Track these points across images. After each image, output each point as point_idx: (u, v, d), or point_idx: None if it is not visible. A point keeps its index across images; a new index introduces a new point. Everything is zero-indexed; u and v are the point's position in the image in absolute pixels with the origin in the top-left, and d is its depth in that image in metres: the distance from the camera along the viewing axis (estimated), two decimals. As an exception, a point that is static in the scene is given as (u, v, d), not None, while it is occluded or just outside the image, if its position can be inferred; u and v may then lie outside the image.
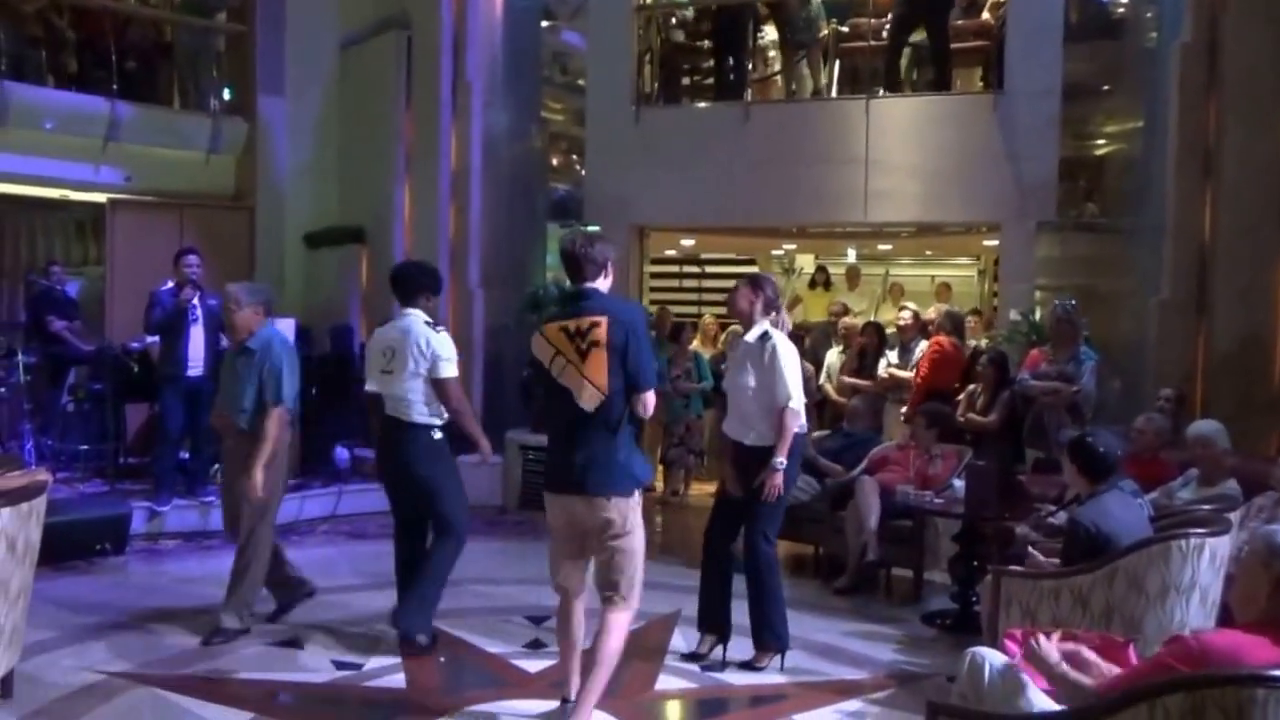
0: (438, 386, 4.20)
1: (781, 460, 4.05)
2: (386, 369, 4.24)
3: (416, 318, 4.27)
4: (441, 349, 4.21)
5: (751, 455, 4.14)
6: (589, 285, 3.38)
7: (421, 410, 4.20)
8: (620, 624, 3.40)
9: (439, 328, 4.33)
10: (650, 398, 3.37)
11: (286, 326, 7.17)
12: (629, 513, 3.37)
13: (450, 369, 4.22)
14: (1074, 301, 6.17)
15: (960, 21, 8.22)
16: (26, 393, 6.95)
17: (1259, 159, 6.33)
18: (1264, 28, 6.30)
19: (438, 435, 4.25)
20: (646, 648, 4.42)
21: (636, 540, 3.40)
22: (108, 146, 8.20)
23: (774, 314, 4.22)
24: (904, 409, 6.80)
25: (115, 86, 8.22)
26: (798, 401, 4.08)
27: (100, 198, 8.46)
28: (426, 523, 4.40)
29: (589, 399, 3.27)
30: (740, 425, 4.21)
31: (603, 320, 3.28)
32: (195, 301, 6.17)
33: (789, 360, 4.07)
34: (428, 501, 4.30)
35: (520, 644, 4.47)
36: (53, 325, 7.47)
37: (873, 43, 8.26)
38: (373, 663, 4.19)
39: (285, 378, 4.30)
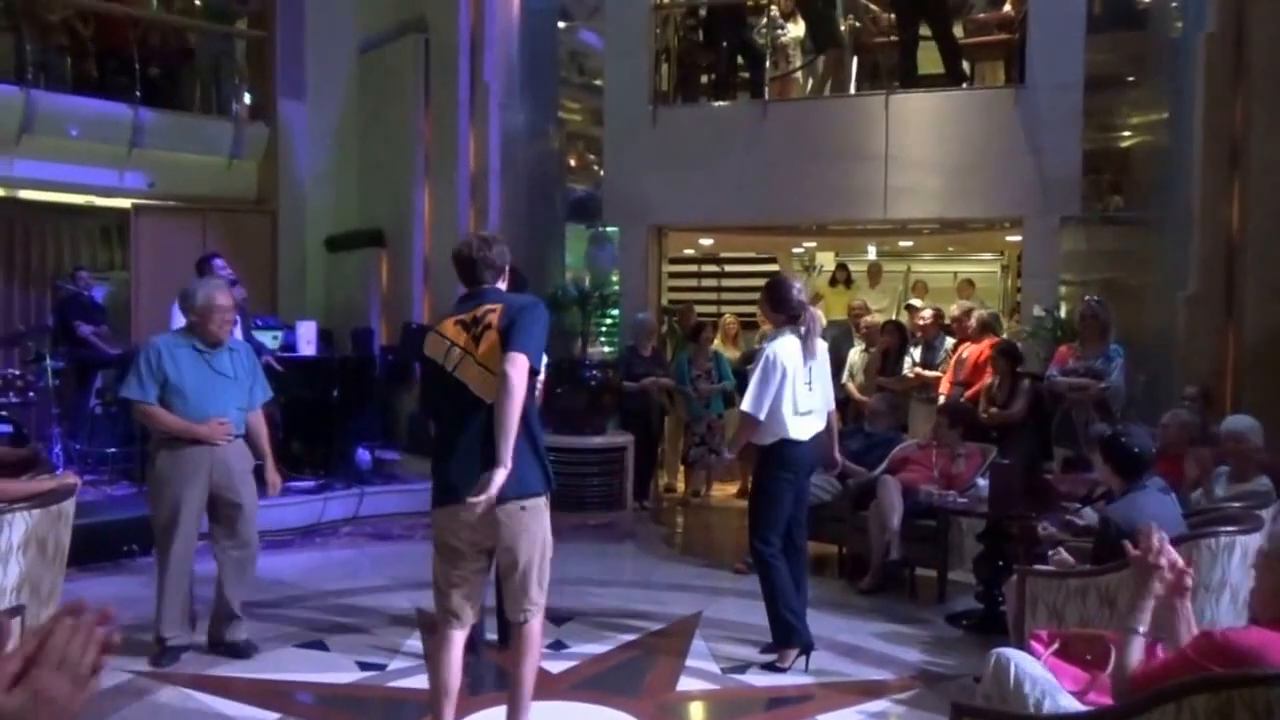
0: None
1: (727, 454, 4.86)
2: None
3: None
4: None
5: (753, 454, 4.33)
6: (486, 287, 3.17)
7: None
8: (538, 635, 3.19)
9: None
10: (520, 360, 2.91)
11: (308, 329, 7.24)
12: (541, 515, 3.08)
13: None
14: (1100, 299, 6.10)
15: (982, 15, 8.15)
16: (55, 397, 7.04)
17: (1287, 150, 6.23)
18: (1289, 16, 6.21)
19: None
20: (669, 648, 4.42)
21: (545, 534, 3.11)
22: (132, 152, 8.30)
23: (802, 317, 4.25)
24: (933, 406, 6.71)
25: (138, 93, 8.31)
26: (750, 408, 4.15)
27: (125, 203, 8.56)
28: None
29: (486, 389, 2.96)
30: None
31: (498, 307, 3.06)
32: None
33: (760, 370, 4.17)
34: None
35: (543, 645, 4.48)
36: (80, 330, 7.57)
37: (892, 38, 8.21)
38: (396, 663, 4.21)
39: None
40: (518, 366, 2.91)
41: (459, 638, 3.14)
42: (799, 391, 4.18)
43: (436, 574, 3.17)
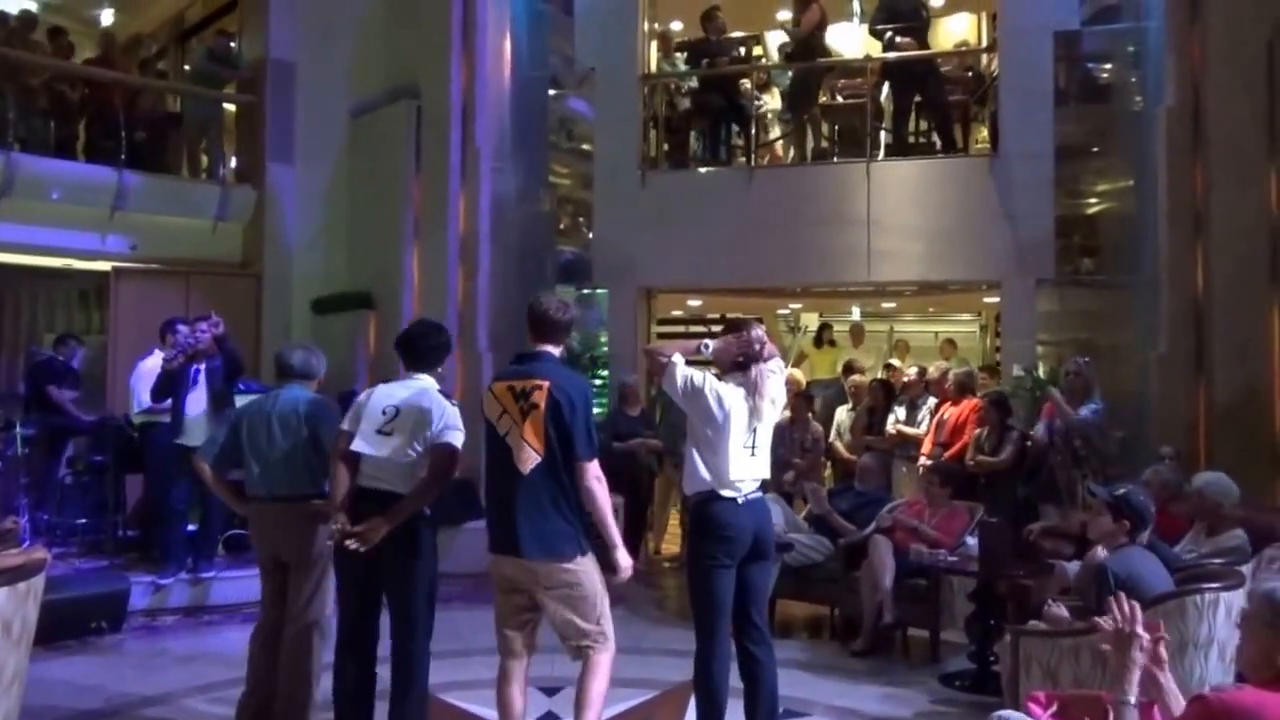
0: (440, 453, 3.60)
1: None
2: (385, 429, 3.62)
3: (429, 382, 3.78)
4: (455, 419, 3.67)
5: None
6: (543, 348, 3.49)
7: (412, 482, 3.62)
8: (603, 665, 3.42)
9: (452, 400, 3.79)
10: (593, 468, 3.36)
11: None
12: (577, 570, 3.39)
13: (460, 438, 3.66)
14: (1085, 358, 6.27)
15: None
16: (24, 466, 6.77)
17: (1246, 216, 6.53)
18: (1241, 91, 6.56)
19: (427, 512, 3.66)
20: (664, 717, 4.36)
21: (589, 587, 3.40)
22: (114, 215, 8.24)
23: (751, 365, 3.68)
24: (915, 466, 6.80)
25: (124, 156, 8.28)
26: (676, 363, 3.60)
27: (105, 266, 8.47)
28: (375, 623, 3.83)
29: (525, 461, 3.33)
30: None
31: (545, 385, 3.35)
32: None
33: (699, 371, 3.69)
34: (405, 594, 3.66)
35: (531, 718, 4.38)
36: (53, 395, 7.41)
37: (869, 105, 8.44)
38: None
39: None
40: (594, 474, 3.37)
41: (513, 669, 3.50)
42: (738, 453, 3.57)
43: (495, 607, 3.57)
